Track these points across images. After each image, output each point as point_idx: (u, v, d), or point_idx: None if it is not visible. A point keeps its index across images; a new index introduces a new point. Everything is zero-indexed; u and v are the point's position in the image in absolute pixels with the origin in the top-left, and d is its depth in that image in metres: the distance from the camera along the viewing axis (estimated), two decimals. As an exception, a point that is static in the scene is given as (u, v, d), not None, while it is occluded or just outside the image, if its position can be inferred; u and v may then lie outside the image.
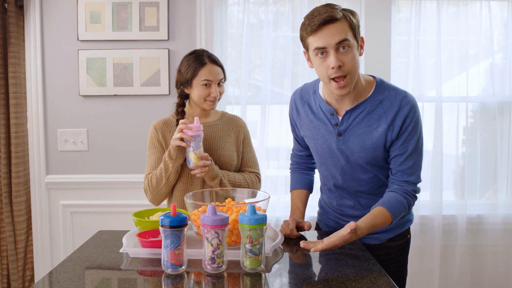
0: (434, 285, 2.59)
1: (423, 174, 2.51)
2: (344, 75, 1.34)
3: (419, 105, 2.48)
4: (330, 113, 1.47)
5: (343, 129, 1.46)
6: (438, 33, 2.51)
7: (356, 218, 1.59)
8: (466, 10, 2.54)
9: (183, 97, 1.77)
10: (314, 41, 1.34)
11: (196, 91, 1.71)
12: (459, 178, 2.62)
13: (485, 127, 2.62)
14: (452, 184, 2.68)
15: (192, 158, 1.63)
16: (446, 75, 2.59)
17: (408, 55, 2.55)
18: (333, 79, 1.34)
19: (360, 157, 1.46)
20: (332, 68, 1.32)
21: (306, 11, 2.45)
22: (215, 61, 1.74)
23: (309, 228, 1.50)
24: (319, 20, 1.31)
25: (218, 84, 1.73)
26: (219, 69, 1.74)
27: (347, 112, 1.45)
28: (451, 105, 2.60)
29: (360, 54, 1.40)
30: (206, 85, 1.70)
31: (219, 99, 1.75)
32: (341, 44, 1.32)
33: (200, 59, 1.71)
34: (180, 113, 1.77)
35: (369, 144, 1.44)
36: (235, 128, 1.82)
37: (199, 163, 1.62)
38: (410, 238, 1.65)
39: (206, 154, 1.65)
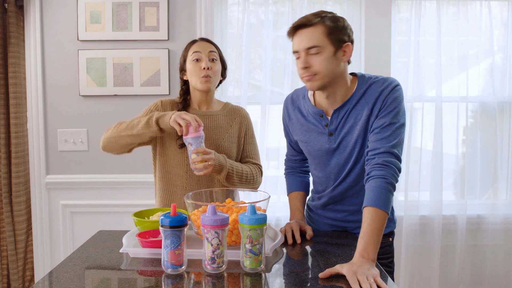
0: (434, 285, 2.59)
1: (423, 173, 2.56)
2: (313, 74, 1.41)
3: (419, 105, 2.54)
4: (319, 114, 1.51)
5: (334, 128, 1.50)
6: (438, 33, 2.51)
7: (348, 222, 1.59)
8: (466, 10, 2.54)
9: (183, 87, 1.76)
10: (292, 45, 1.45)
11: (189, 70, 1.70)
12: (459, 178, 2.62)
13: (485, 127, 2.62)
14: (452, 184, 2.68)
15: (194, 159, 1.55)
16: (446, 75, 2.59)
17: (408, 55, 2.55)
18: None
19: (351, 151, 1.48)
20: (301, 68, 1.42)
21: (306, 11, 2.48)
22: (206, 39, 1.75)
23: (310, 237, 1.50)
24: (293, 25, 1.42)
25: (212, 60, 1.69)
26: (210, 44, 1.72)
27: (335, 111, 1.49)
28: (451, 105, 2.60)
29: (345, 60, 1.43)
30: (196, 60, 1.68)
31: (215, 79, 1.70)
32: (310, 50, 1.39)
33: (192, 40, 1.76)
34: (182, 102, 1.74)
35: (356, 134, 1.46)
36: (238, 118, 1.80)
37: (196, 158, 1.53)
38: (392, 242, 1.61)
39: (203, 149, 1.54)
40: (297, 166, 1.74)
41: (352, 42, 1.45)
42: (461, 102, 2.59)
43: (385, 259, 1.54)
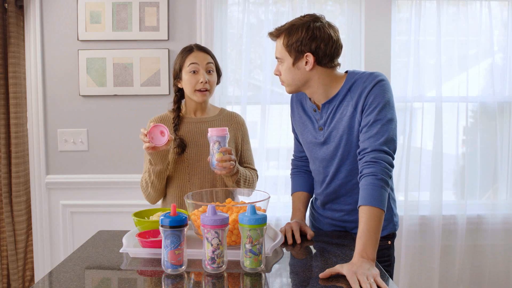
0: (434, 285, 2.59)
1: (423, 173, 2.55)
2: (283, 81, 1.52)
3: (419, 105, 2.54)
4: (313, 109, 1.55)
5: (323, 123, 1.52)
6: (438, 33, 2.51)
7: (346, 222, 1.60)
8: (466, 10, 2.54)
9: (177, 94, 1.77)
10: None
11: (185, 81, 1.70)
12: (459, 178, 2.62)
13: (485, 127, 2.62)
14: (452, 184, 2.68)
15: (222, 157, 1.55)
16: (446, 75, 2.59)
17: (408, 55, 2.55)
18: None
19: (337, 146, 1.49)
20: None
21: (306, 11, 2.48)
22: (202, 48, 1.74)
23: (311, 237, 1.51)
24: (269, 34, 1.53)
25: (209, 72, 1.71)
26: (206, 55, 1.72)
27: (323, 106, 1.51)
28: (451, 105, 2.60)
29: (309, 69, 1.44)
30: (194, 72, 1.68)
31: (211, 91, 1.72)
32: (277, 59, 1.50)
33: (188, 48, 1.74)
34: (176, 110, 1.76)
35: (341, 130, 1.47)
36: (234, 125, 1.82)
37: (225, 157, 1.54)
38: (391, 245, 1.58)
39: (230, 148, 1.58)
40: (302, 165, 1.74)
41: (313, 51, 1.41)
42: (461, 102, 2.59)
43: (381, 263, 1.44)
